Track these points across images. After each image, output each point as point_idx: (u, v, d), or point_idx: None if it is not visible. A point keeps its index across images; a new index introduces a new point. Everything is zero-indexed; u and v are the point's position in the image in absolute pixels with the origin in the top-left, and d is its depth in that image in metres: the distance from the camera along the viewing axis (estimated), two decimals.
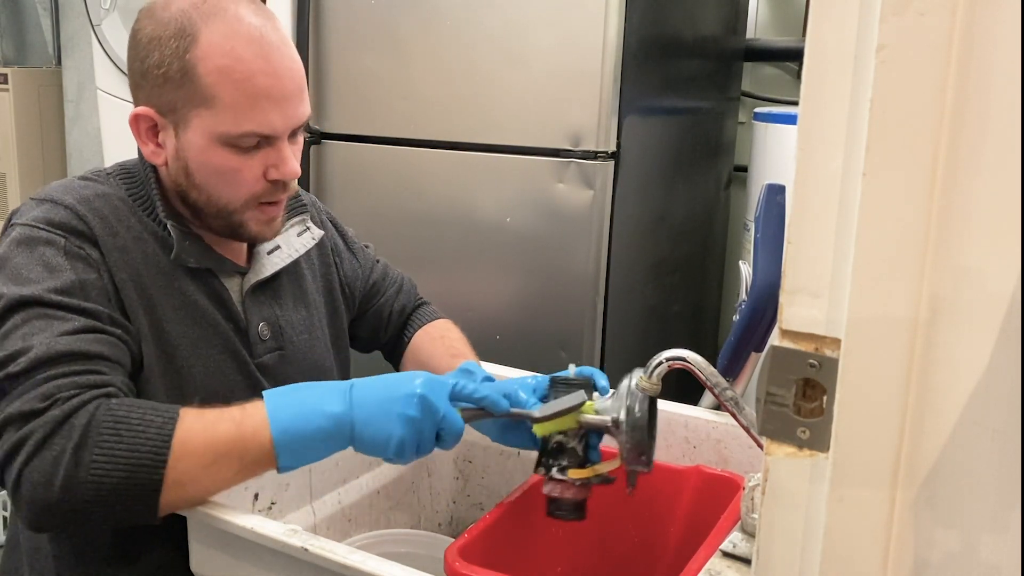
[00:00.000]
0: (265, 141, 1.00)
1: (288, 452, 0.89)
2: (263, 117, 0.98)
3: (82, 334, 0.91)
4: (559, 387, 1.03)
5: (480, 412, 0.96)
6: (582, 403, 0.96)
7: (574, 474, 0.96)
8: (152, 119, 1.01)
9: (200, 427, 0.88)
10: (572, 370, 1.05)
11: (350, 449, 0.93)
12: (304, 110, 1.03)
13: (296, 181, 1.07)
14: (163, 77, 0.97)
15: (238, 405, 0.91)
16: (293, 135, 1.04)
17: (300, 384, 0.94)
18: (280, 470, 0.90)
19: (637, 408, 0.94)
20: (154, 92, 0.99)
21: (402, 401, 0.89)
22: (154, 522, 0.87)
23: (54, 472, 0.82)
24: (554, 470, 0.97)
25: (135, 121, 1.02)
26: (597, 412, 0.97)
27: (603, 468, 0.98)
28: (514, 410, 0.97)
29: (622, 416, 0.95)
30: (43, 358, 0.87)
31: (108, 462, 0.83)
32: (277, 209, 1.06)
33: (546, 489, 0.98)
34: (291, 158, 1.02)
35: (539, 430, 0.97)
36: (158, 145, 1.02)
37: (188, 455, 0.86)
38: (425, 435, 0.90)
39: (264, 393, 0.92)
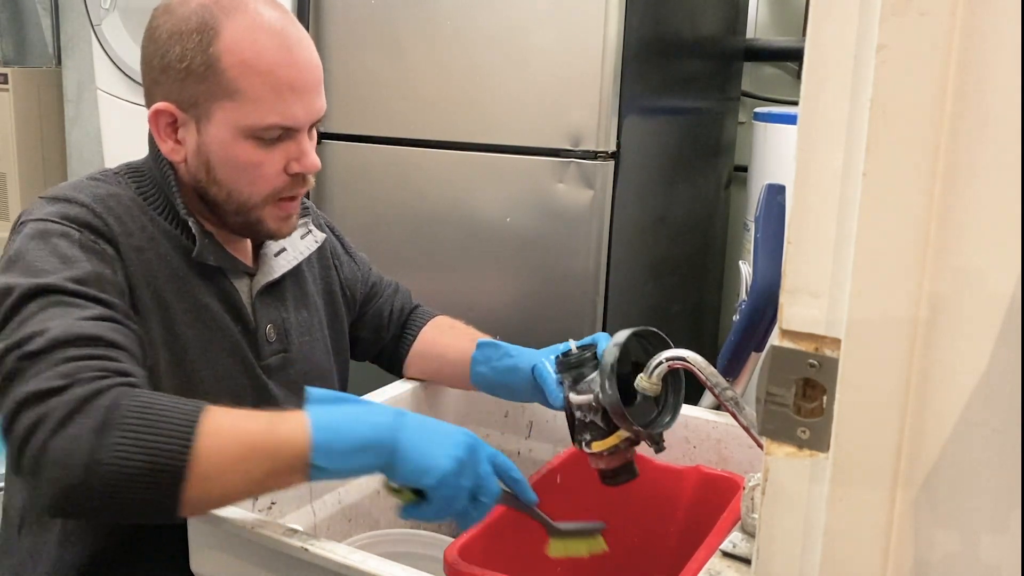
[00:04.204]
0: (287, 134, 1.01)
1: (325, 452, 0.82)
2: (287, 109, 0.99)
3: (100, 321, 0.89)
4: (571, 368, 1.03)
5: (509, 496, 0.94)
6: (599, 529, 0.98)
7: (596, 446, 0.99)
8: (172, 114, 1.00)
9: (230, 421, 0.84)
10: (573, 346, 1.05)
11: None
12: (322, 104, 1.04)
13: (313, 177, 1.07)
14: (185, 71, 0.98)
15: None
16: (310, 129, 1.04)
17: (345, 395, 0.91)
18: (312, 474, 0.84)
19: (608, 386, 0.95)
20: (175, 87, 0.99)
21: (451, 438, 0.87)
22: (174, 520, 0.83)
23: (75, 451, 0.79)
24: (583, 445, 1.01)
25: (155, 117, 1.01)
26: (587, 388, 1.00)
27: (624, 433, 0.99)
28: (538, 510, 0.97)
29: (598, 391, 0.97)
30: (62, 338, 0.85)
31: (132, 445, 0.79)
32: (294, 206, 1.07)
33: (591, 463, 1.02)
34: (312, 151, 1.03)
35: (553, 549, 0.97)
36: (177, 142, 1.02)
37: (216, 447, 0.81)
38: (465, 481, 0.86)
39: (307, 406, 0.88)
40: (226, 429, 0.83)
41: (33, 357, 0.84)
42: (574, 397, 1.01)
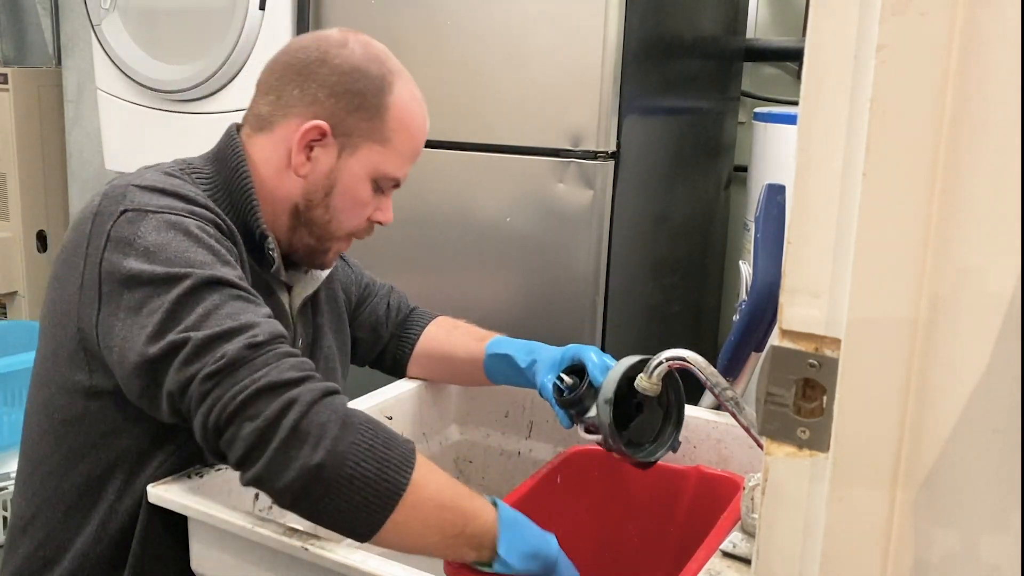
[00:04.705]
0: (390, 189, 1.12)
1: (507, 540, 0.89)
2: (406, 170, 1.12)
3: (274, 319, 0.93)
4: (572, 405, 1.09)
5: None
6: None
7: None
8: (325, 133, 1.06)
9: (437, 470, 0.90)
10: (565, 379, 1.10)
11: None
12: None
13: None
14: (358, 105, 1.06)
15: None
16: None
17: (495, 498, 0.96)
18: (495, 563, 0.88)
19: (612, 443, 1.04)
20: (339, 113, 1.05)
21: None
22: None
23: (323, 435, 0.83)
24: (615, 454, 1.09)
25: (309, 130, 1.05)
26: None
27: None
28: None
29: (604, 429, 1.04)
30: (276, 333, 0.90)
31: (367, 450, 0.84)
32: (349, 245, 1.16)
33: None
34: (391, 207, 1.15)
35: None
36: (308, 158, 1.07)
37: (429, 484, 0.87)
38: None
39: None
40: (436, 474, 0.89)
41: (259, 347, 0.88)
42: (585, 436, 1.08)
